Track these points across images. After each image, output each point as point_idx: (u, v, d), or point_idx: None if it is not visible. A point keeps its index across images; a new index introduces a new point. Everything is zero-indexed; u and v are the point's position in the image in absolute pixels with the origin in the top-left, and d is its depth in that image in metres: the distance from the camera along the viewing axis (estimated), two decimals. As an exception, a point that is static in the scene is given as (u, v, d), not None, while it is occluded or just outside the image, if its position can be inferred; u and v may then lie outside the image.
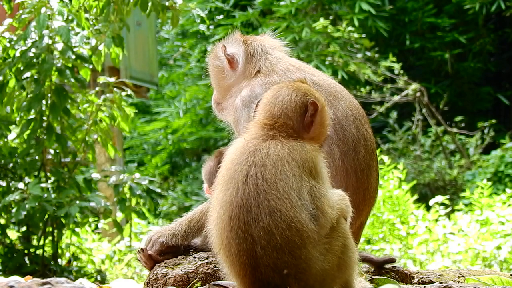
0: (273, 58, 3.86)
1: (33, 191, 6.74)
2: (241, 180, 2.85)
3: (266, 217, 2.78)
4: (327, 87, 3.69)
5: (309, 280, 2.78)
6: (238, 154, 2.93)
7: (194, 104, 20.44)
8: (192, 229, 3.66)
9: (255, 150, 2.90)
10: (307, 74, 3.71)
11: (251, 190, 2.82)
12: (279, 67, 3.76)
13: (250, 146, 2.93)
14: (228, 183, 2.88)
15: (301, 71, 3.74)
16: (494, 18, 19.65)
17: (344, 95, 3.71)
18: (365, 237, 10.36)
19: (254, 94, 3.61)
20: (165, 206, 18.50)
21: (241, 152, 2.92)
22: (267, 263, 2.77)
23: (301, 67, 3.81)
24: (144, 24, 13.12)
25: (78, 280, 4.98)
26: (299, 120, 2.99)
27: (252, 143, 2.94)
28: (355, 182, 3.61)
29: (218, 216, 2.89)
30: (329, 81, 3.76)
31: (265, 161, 2.86)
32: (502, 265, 9.55)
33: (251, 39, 3.97)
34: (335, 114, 3.59)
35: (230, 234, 2.83)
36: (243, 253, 2.80)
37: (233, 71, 3.90)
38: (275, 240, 2.76)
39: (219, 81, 3.98)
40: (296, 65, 3.83)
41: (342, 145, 3.59)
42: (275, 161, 2.85)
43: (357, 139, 3.63)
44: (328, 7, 17.73)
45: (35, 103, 6.68)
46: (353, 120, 3.61)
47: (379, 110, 15.71)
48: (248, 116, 3.51)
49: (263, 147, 2.91)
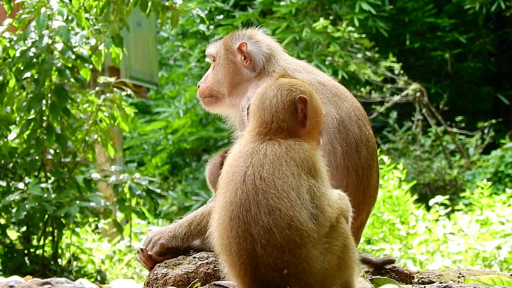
0: (283, 60, 3.86)
1: (33, 191, 6.74)
2: (239, 180, 2.85)
3: (265, 216, 2.78)
4: (332, 87, 3.73)
5: (309, 279, 2.78)
6: (236, 158, 2.94)
7: (194, 104, 20.43)
8: (193, 232, 3.66)
9: (253, 152, 2.91)
10: (313, 75, 3.74)
11: (249, 189, 2.82)
12: (290, 68, 3.76)
13: (247, 150, 2.93)
14: (228, 185, 2.89)
15: (308, 72, 3.77)
16: (494, 18, 19.64)
17: (348, 96, 3.76)
18: (365, 237, 10.35)
19: None
20: (165, 206, 18.49)
21: (239, 156, 2.93)
22: (267, 262, 2.77)
23: (307, 68, 3.83)
24: (144, 24, 13.12)
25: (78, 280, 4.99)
26: (292, 118, 2.97)
27: (249, 146, 2.94)
28: (355, 181, 3.63)
29: (219, 217, 2.89)
30: (333, 82, 3.81)
31: (263, 161, 2.86)
32: (502, 265, 9.55)
33: (264, 38, 3.94)
34: (339, 114, 3.63)
35: (231, 233, 2.83)
36: (243, 252, 2.80)
37: (247, 69, 3.86)
38: (275, 239, 2.76)
39: (230, 76, 3.90)
40: (303, 66, 3.85)
41: (344, 144, 3.62)
42: (272, 161, 2.86)
43: (360, 139, 3.66)
44: (328, 7, 17.73)
45: (35, 103, 6.68)
46: (356, 121, 3.66)
47: (379, 110, 15.71)
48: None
49: (261, 149, 2.91)
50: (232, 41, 3.92)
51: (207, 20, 9.30)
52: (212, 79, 3.99)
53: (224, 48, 3.93)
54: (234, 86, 3.88)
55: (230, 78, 3.89)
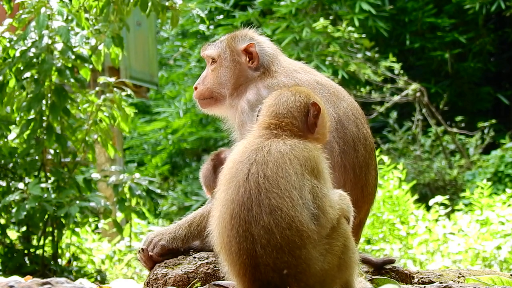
0: (284, 60, 3.88)
1: (33, 191, 6.74)
2: (243, 178, 2.85)
3: (266, 215, 2.78)
4: (330, 87, 3.77)
5: (309, 280, 2.78)
6: (240, 153, 2.94)
7: (194, 104, 20.39)
8: (193, 233, 3.67)
9: (257, 148, 2.91)
10: (312, 75, 3.78)
11: (252, 188, 2.82)
12: (290, 69, 3.79)
13: (252, 145, 2.94)
14: (230, 182, 2.89)
15: (307, 72, 3.80)
16: (494, 18, 19.64)
17: (345, 95, 3.80)
18: (365, 237, 10.35)
19: (260, 98, 3.60)
20: (165, 206, 18.49)
21: (243, 151, 2.93)
22: (267, 263, 2.77)
23: (305, 69, 3.86)
24: (144, 24, 13.12)
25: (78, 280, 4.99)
26: (303, 121, 3.04)
27: (254, 142, 2.95)
28: (353, 179, 3.66)
29: (220, 215, 2.89)
30: (331, 82, 3.84)
31: (267, 158, 2.87)
32: (502, 265, 9.55)
33: (264, 39, 3.96)
34: (337, 113, 3.67)
35: (231, 232, 2.83)
36: (243, 252, 2.80)
37: (251, 70, 3.86)
38: (275, 239, 2.76)
39: (235, 77, 3.87)
40: (301, 66, 3.88)
41: (342, 142, 3.65)
42: (276, 159, 2.86)
43: (357, 137, 3.70)
44: (328, 7, 17.73)
45: (35, 103, 6.68)
46: (354, 120, 3.69)
47: (379, 110, 15.71)
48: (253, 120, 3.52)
49: (265, 145, 2.92)
50: (236, 42, 3.91)
51: (207, 20, 9.30)
52: (212, 80, 3.96)
53: (229, 49, 3.91)
54: (237, 87, 3.87)
55: (235, 79, 3.87)
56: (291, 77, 3.73)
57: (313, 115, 3.05)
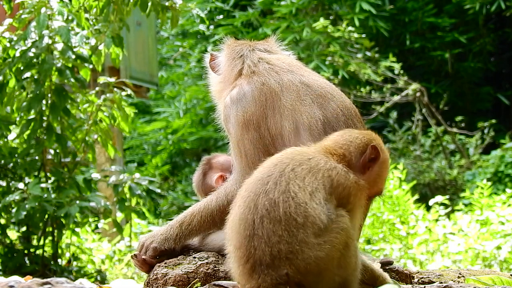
0: (274, 59, 3.83)
1: (33, 191, 6.74)
2: (273, 163, 2.94)
3: (279, 192, 2.82)
4: (317, 88, 3.63)
5: (300, 265, 2.75)
6: (282, 153, 3.03)
7: (194, 104, 20.42)
8: (184, 232, 3.65)
9: (301, 153, 3.00)
10: (296, 75, 3.67)
11: (275, 172, 2.89)
12: (275, 68, 3.73)
13: (297, 149, 3.04)
14: (263, 165, 2.99)
15: (292, 72, 3.69)
16: (494, 18, 19.64)
17: (335, 95, 3.65)
18: (365, 237, 10.36)
19: (242, 92, 3.63)
20: (165, 206, 18.49)
21: (285, 152, 3.04)
22: (261, 234, 2.77)
23: (292, 67, 3.74)
24: (144, 24, 13.12)
25: (78, 280, 4.99)
26: (357, 158, 3.08)
27: (302, 149, 3.05)
28: None
29: (239, 194, 2.97)
30: (320, 81, 3.70)
31: (303, 160, 2.93)
32: (502, 265, 9.55)
33: (235, 43, 3.98)
34: (325, 115, 3.54)
35: (239, 203, 2.90)
36: (242, 222, 2.83)
37: (218, 76, 3.93)
38: (277, 212, 2.78)
39: (211, 88, 4.01)
40: (292, 65, 3.78)
41: None
42: (312, 165, 2.92)
43: None
44: (329, 7, 17.74)
45: (35, 103, 6.68)
46: (344, 120, 3.58)
47: (379, 110, 15.71)
48: (237, 114, 3.53)
49: (309, 154, 2.99)
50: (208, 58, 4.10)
51: (207, 20, 9.30)
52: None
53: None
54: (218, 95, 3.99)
55: (212, 89, 4.07)
56: (274, 77, 3.65)
57: (369, 157, 3.08)
